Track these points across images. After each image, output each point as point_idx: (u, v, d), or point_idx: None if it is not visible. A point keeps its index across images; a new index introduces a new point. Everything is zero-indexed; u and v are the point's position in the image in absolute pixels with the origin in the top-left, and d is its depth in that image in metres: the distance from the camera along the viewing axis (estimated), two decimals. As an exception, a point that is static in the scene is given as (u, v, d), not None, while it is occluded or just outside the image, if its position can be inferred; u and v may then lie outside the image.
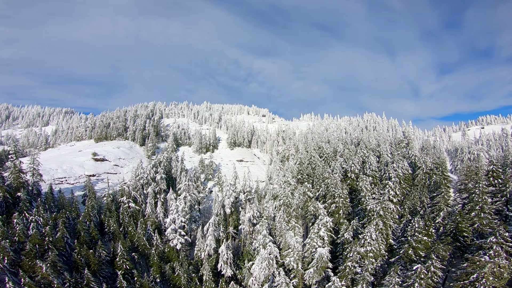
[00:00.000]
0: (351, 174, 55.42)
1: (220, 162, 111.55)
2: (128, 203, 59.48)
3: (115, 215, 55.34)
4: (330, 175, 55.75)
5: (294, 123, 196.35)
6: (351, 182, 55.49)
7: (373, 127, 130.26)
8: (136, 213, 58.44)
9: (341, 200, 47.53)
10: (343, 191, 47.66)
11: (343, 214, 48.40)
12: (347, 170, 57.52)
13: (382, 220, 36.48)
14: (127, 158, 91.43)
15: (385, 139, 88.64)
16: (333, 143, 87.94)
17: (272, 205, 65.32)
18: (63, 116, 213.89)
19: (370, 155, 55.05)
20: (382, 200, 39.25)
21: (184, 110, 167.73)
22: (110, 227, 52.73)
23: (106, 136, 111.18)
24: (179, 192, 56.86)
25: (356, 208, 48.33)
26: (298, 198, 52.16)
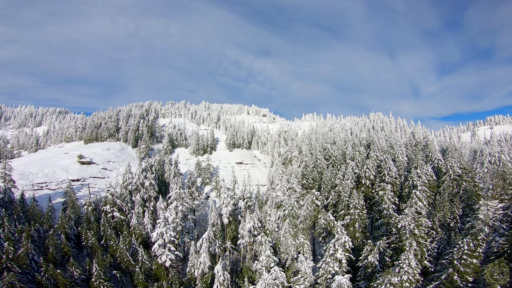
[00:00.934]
0: (365, 181, 48.57)
1: (218, 165, 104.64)
2: (112, 212, 52.64)
3: (95, 226, 48.50)
4: (341, 182, 48.90)
5: (295, 123, 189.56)
6: (366, 189, 48.65)
7: (380, 127, 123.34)
8: (120, 224, 51.54)
9: (357, 212, 40.67)
10: (359, 201, 40.80)
11: (359, 227, 41.56)
12: (360, 176, 50.66)
13: (416, 239, 29.65)
14: (117, 161, 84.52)
15: (396, 140, 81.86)
16: (340, 145, 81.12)
17: (275, 214, 58.46)
18: (56, 116, 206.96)
19: (387, 159, 48.17)
20: (415, 216, 32.31)
21: (181, 109, 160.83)
22: (88, 240, 45.93)
23: (96, 137, 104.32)
24: (169, 200, 49.97)
25: (375, 221, 41.51)
26: (306, 208, 45.28)
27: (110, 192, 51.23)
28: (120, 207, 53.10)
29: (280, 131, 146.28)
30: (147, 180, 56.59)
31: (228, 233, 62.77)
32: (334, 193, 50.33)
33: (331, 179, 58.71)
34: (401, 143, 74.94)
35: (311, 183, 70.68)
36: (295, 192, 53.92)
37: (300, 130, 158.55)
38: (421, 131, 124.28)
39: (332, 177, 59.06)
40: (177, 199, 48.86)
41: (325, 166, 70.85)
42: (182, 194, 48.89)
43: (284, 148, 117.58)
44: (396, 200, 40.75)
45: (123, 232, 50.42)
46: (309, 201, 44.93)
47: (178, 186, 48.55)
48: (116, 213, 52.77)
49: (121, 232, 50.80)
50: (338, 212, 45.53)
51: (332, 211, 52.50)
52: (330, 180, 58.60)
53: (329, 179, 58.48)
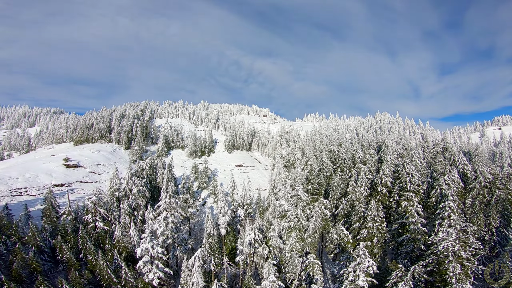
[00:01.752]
0: (381, 188, 42.76)
1: (216, 168, 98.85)
2: (94, 222, 46.89)
3: (72, 238, 42.80)
4: (354, 189, 43.12)
5: (297, 124, 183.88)
6: (382, 198, 42.85)
7: (388, 128, 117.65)
8: (103, 236, 45.79)
9: (376, 225, 34.89)
10: (379, 213, 35.01)
11: (377, 242, 35.76)
12: (375, 183, 44.84)
13: (460, 261, 23.92)
14: (107, 164, 78.75)
15: (408, 141, 76.10)
16: (347, 147, 75.34)
17: (279, 224, 52.60)
18: (50, 116, 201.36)
19: (405, 163, 42.30)
20: (459, 235, 26.43)
21: (178, 109, 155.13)
22: (63, 254, 40.29)
23: (87, 139, 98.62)
24: (158, 210, 44.20)
25: (397, 235, 35.73)
26: (315, 220, 39.48)
27: (92, 200, 45.50)
28: (104, 216, 47.31)
29: (281, 132, 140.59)
30: (135, 186, 50.81)
31: (226, 244, 56.97)
32: (345, 202, 44.53)
33: (340, 185, 52.90)
34: (417, 146, 69.13)
35: (316, 188, 64.90)
36: (300, 200, 48.12)
37: (302, 131, 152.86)
38: (429, 132, 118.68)
39: (342, 182, 53.24)
40: (167, 208, 43.04)
41: (331, 170, 65.04)
42: (173, 203, 43.07)
43: (286, 150, 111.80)
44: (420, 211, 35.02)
45: (105, 245, 44.82)
46: (318, 212, 39.16)
47: (168, 195, 42.72)
48: (99, 223, 47.03)
49: (104, 245, 45.22)
50: (352, 225, 39.75)
51: (343, 222, 46.70)
52: (339, 186, 52.80)
53: (338, 185, 52.68)
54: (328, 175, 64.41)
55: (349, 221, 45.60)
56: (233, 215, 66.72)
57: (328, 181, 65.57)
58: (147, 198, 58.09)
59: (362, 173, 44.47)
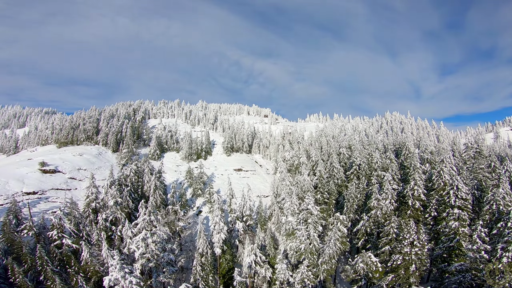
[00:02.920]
0: (413, 202, 34.83)
1: (213, 172, 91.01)
2: (61, 239, 39.25)
3: (28, 258, 35.17)
4: (379, 203, 35.22)
5: (300, 124, 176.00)
6: (414, 213, 34.95)
7: (400, 128, 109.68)
8: (68, 257, 38.16)
9: (415, 251, 27.04)
10: (419, 235, 27.14)
11: (416, 270, 27.82)
12: (404, 194, 36.94)
13: None
14: (90, 169, 71.02)
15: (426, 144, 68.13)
16: (359, 149, 67.48)
17: (285, 243, 44.71)
18: (41, 117, 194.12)
19: (442, 171, 34.35)
20: None
21: (174, 109, 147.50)
22: (16, 276, 32.76)
23: (72, 140, 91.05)
24: (136, 228, 36.35)
25: (442, 261, 27.84)
26: (332, 244, 31.58)
27: (56, 214, 37.82)
28: (72, 232, 39.69)
29: (283, 133, 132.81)
30: (111, 197, 43.00)
31: (222, 264, 49.09)
32: (367, 217, 36.62)
33: (357, 195, 44.99)
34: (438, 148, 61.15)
35: (326, 197, 57.03)
36: (311, 215, 40.25)
37: (305, 131, 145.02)
38: (445, 133, 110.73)
39: (359, 193, 45.34)
40: (147, 227, 35.18)
41: (343, 177, 57.11)
42: (155, 220, 35.18)
43: (289, 152, 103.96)
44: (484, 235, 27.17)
45: (71, 266, 37.26)
46: (336, 235, 31.24)
47: (148, 211, 34.93)
48: (67, 240, 39.45)
49: (70, 267, 37.67)
50: (380, 248, 31.85)
51: (363, 241, 38.75)
52: (355, 197, 44.88)
53: (354, 195, 44.78)
54: (340, 182, 56.55)
55: (371, 240, 37.73)
56: (231, 227, 58.90)
57: (339, 189, 57.70)
58: (130, 209, 50.42)
59: (386, 182, 36.62)
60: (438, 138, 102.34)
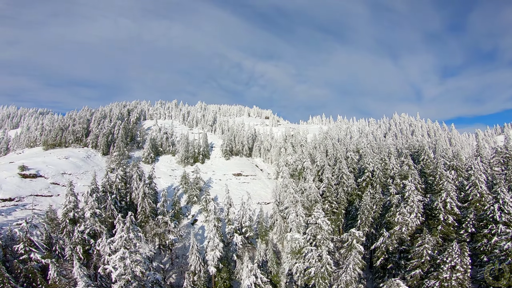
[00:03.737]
0: (445, 216, 29.35)
1: (211, 177, 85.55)
2: (28, 253, 33.93)
3: None
4: (404, 219, 29.73)
5: (302, 126, 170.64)
6: (446, 229, 29.48)
7: (410, 131, 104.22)
8: (34, 274, 32.81)
9: (457, 276, 21.52)
10: (463, 258, 21.67)
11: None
12: (432, 207, 31.46)
13: None
14: (76, 173, 65.72)
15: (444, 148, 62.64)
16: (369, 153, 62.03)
17: (290, 262, 39.11)
18: (35, 117, 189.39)
19: (478, 180, 28.88)
20: None
21: (172, 110, 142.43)
22: None
23: (60, 142, 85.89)
24: (114, 245, 30.79)
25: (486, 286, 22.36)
26: (351, 270, 26.04)
27: (22, 227, 32.50)
28: (39, 246, 34.31)
29: (286, 135, 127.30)
30: (88, 208, 37.58)
31: (218, 283, 43.55)
32: (387, 234, 31.11)
33: (372, 207, 39.47)
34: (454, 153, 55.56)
35: (335, 207, 51.42)
36: (321, 230, 34.62)
37: (308, 134, 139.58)
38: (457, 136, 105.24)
39: (375, 203, 39.84)
40: (127, 244, 29.68)
41: (354, 185, 51.56)
42: (134, 238, 29.69)
43: (292, 156, 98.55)
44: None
45: (38, 285, 32.00)
46: (356, 259, 25.68)
47: (126, 227, 29.47)
48: (36, 255, 34.05)
49: (36, 286, 32.44)
50: (409, 271, 26.33)
51: (383, 260, 33.15)
52: (371, 209, 39.35)
53: (370, 207, 39.22)
54: (350, 190, 51.00)
55: (393, 260, 32.13)
56: (228, 240, 53.36)
57: (350, 198, 52.13)
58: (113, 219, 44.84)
59: (411, 194, 31.04)
60: (450, 141, 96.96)
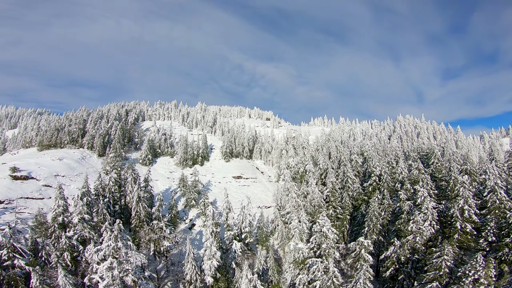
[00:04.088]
0: (462, 224, 26.99)
1: (210, 180, 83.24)
2: (12, 259, 31.73)
3: None
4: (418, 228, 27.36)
5: (304, 128, 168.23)
6: (463, 238, 27.09)
7: (416, 133, 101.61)
8: (16, 282, 30.49)
9: None
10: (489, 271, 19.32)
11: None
12: (447, 214, 29.07)
13: None
14: (69, 175, 63.54)
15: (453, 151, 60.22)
16: (374, 156, 59.66)
17: (292, 272, 36.64)
18: (33, 118, 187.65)
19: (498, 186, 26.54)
20: None
21: (171, 111, 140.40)
22: None
23: (55, 143, 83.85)
24: (100, 254, 28.44)
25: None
26: (362, 285, 23.65)
27: (4, 232, 30.36)
28: (23, 253, 32.05)
29: (287, 137, 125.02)
30: (77, 213, 35.31)
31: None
32: (399, 243, 28.74)
33: (380, 213, 37.05)
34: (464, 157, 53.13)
35: (340, 213, 49.00)
36: (326, 238, 32.31)
37: (310, 136, 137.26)
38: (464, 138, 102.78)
39: (383, 210, 37.44)
40: (115, 254, 27.35)
41: (360, 189, 49.14)
42: (123, 247, 27.36)
43: (293, 158, 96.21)
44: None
45: None
46: (367, 274, 23.29)
47: (114, 235, 27.16)
48: (20, 261, 31.83)
49: None
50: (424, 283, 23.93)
51: (393, 270, 30.69)
52: (379, 215, 36.93)
53: (378, 214, 36.81)
54: (356, 195, 48.58)
55: (404, 270, 29.70)
56: (227, 246, 50.97)
57: (355, 203, 49.72)
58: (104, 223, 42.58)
59: (425, 200, 28.66)
60: (456, 143, 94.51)
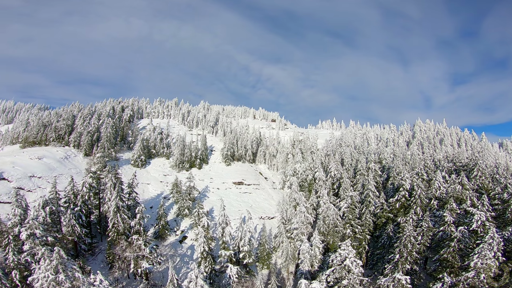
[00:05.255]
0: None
1: (207, 186, 75.73)
2: None
3: None
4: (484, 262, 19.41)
5: (311, 131, 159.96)
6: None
7: (438, 140, 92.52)
8: None
9: None
10: None
11: None
12: None
13: None
14: (47, 176, 56.72)
15: (497, 162, 51.86)
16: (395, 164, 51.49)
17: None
18: (30, 113, 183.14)
19: None
20: None
21: (171, 109, 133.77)
22: None
23: (40, 140, 77.46)
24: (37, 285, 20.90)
25: None
26: None
27: None
28: None
29: (294, 140, 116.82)
30: (24, 228, 28.04)
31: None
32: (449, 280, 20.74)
33: (417, 238, 28.98)
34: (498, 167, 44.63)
35: (359, 231, 40.95)
36: (348, 273, 24.33)
37: (318, 139, 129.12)
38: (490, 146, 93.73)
39: (421, 233, 29.37)
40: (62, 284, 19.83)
41: (385, 205, 40.99)
42: (66, 282, 19.85)
43: (301, 164, 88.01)
44: None
45: None
46: None
47: (54, 264, 19.72)
48: None
49: None
50: None
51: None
52: (414, 240, 28.88)
53: (414, 238, 28.76)
54: (379, 212, 40.53)
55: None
56: (222, 267, 43.34)
57: (377, 220, 41.65)
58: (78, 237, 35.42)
59: (490, 228, 20.61)
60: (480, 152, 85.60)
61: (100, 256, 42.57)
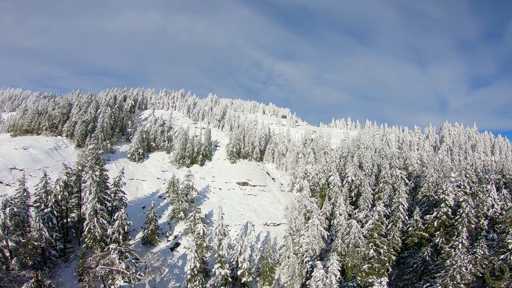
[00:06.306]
0: None
1: (209, 185, 69.67)
2: None
3: None
4: None
5: (324, 130, 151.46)
6: None
7: (470, 146, 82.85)
8: None
9: None
10: None
11: None
12: None
13: None
14: (30, 169, 51.78)
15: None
16: (430, 174, 43.72)
17: None
18: (34, 101, 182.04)
19: None
20: None
21: (176, 100, 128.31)
22: None
23: (33, 128, 73.12)
24: None
25: None
26: None
27: None
28: None
29: (305, 138, 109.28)
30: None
31: None
32: None
33: (467, 267, 21.80)
34: None
35: (384, 252, 33.81)
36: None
37: (332, 139, 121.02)
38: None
39: (474, 261, 22.18)
40: None
41: (419, 224, 33.57)
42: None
43: (313, 166, 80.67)
44: None
45: None
46: None
47: None
48: None
49: None
50: None
51: None
52: (464, 269, 21.71)
53: (463, 266, 21.56)
54: (411, 230, 33.21)
55: None
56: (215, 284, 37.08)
57: (408, 238, 34.43)
58: (47, 242, 29.81)
59: None
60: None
61: (75, 263, 37.08)
